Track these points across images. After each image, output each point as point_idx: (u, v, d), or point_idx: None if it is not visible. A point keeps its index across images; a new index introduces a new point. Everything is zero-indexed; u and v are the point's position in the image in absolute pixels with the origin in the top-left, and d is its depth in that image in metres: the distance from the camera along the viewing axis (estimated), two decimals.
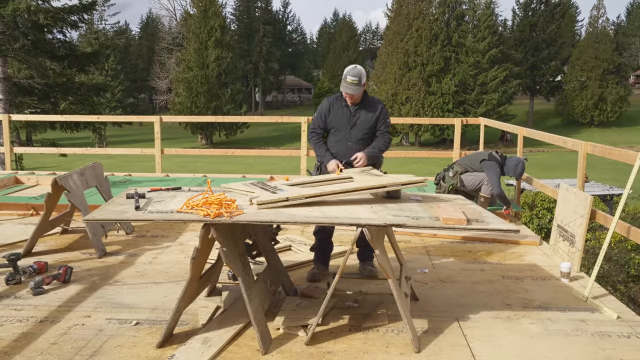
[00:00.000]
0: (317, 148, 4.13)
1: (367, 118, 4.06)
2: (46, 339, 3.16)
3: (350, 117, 4.05)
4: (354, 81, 3.91)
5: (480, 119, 8.83)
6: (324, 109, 4.14)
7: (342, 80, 3.97)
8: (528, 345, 3.16)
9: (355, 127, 4.06)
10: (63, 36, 19.27)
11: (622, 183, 8.31)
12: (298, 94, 71.59)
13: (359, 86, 3.93)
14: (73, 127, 20.10)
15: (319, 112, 4.15)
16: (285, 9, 70.21)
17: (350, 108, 4.06)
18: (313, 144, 4.17)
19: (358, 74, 3.91)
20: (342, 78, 3.98)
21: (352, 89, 3.93)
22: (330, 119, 4.09)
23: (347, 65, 4.12)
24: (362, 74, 3.93)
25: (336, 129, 4.10)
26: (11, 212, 6.29)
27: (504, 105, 45.93)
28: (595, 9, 55.92)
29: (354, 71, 3.93)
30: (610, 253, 8.13)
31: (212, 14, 45.90)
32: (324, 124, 4.12)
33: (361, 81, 3.92)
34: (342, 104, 4.07)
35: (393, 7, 47.31)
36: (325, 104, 4.16)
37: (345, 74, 3.95)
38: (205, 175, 8.92)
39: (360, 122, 4.06)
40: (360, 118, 4.06)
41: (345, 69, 4.00)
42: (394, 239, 3.76)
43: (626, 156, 4.24)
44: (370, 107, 4.09)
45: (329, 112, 4.10)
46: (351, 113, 4.06)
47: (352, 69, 3.97)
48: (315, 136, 4.16)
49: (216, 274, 3.71)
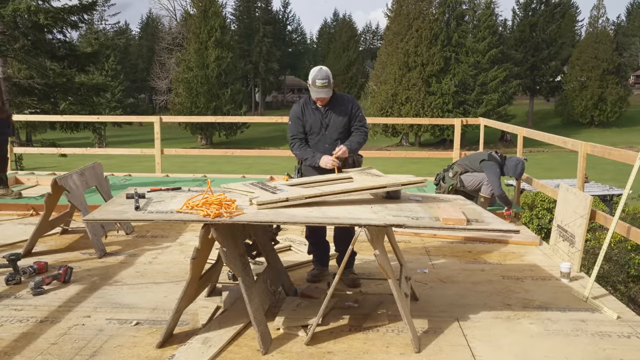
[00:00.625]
0: (304, 152, 3.99)
1: (339, 117, 3.97)
2: (46, 339, 3.16)
3: (323, 118, 3.96)
4: (324, 84, 3.80)
5: (480, 119, 8.84)
6: (297, 113, 4.01)
7: (311, 85, 3.84)
8: (528, 345, 3.16)
9: (329, 129, 3.97)
10: (63, 36, 19.30)
11: (622, 183, 8.32)
12: (298, 94, 71.50)
13: (329, 88, 3.84)
14: (73, 127, 20.12)
15: (295, 117, 4.02)
16: (285, 9, 70.24)
17: (321, 110, 3.97)
18: (298, 149, 4.02)
19: (326, 76, 3.81)
20: (310, 83, 3.85)
21: (323, 92, 3.83)
22: (304, 123, 3.99)
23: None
24: (329, 75, 3.84)
25: (310, 133, 4.00)
26: (11, 212, 6.29)
27: (504, 105, 45.92)
28: (595, 9, 55.97)
29: (322, 73, 3.82)
30: (610, 253, 8.13)
31: (212, 14, 45.90)
32: (303, 128, 4.00)
33: (330, 82, 3.83)
34: (312, 107, 3.97)
35: (393, 7, 47.30)
36: (296, 109, 4.03)
37: (314, 79, 3.81)
38: (205, 175, 8.92)
39: (332, 123, 3.97)
40: (332, 118, 3.97)
41: (311, 73, 3.86)
42: (394, 239, 3.77)
43: (626, 156, 4.24)
44: (341, 106, 3.99)
45: (302, 116, 3.99)
46: (323, 115, 3.96)
47: (319, 71, 3.85)
48: (299, 141, 4.02)
49: (216, 274, 3.71)
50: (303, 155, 4.00)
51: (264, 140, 48.07)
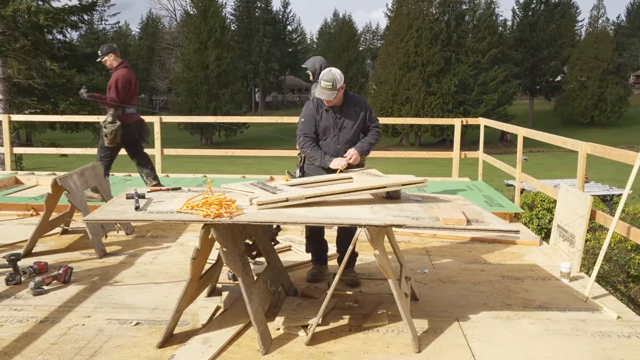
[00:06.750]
0: (314, 152, 3.98)
1: (353, 120, 3.98)
2: (46, 339, 3.17)
3: (337, 119, 3.96)
4: (327, 86, 3.79)
5: (480, 119, 8.84)
6: (312, 112, 4.00)
7: (318, 85, 3.85)
8: (528, 345, 3.16)
9: (343, 130, 3.97)
10: (63, 37, 19.32)
11: (622, 183, 8.32)
12: (298, 94, 71.55)
13: (334, 90, 3.81)
14: (73, 127, 20.12)
15: (309, 116, 4.00)
16: (285, 9, 70.20)
17: (335, 111, 3.97)
18: (309, 148, 4.00)
19: (332, 78, 3.79)
20: (318, 81, 3.86)
21: (325, 94, 3.81)
22: (317, 123, 3.99)
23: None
24: (336, 78, 3.79)
25: (323, 133, 4.00)
26: (11, 213, 6.30)
27: (504, 105, 45.92)
28: (595, 9, 56.20)
29: (328, 76, 3.80)
30: (610, 253, 8.12)
31: (212, 14, 45.88)
32: (315, 128, 3.99)
33: (335, 85, 3.79)
34: (325, 108, 3.97)
35: (393, 7, 47.34)
36: (311, 107, 4.01)
37: (320, 78, 3.83)
38: (205, 175, 8.92)
39: (347, 124, 3.97)
40: (347, 120, 3.97)
41: (322, 72, 3.87)
42: (394, 239, 3.77)
43: (626, 156, 4.24)
44: (355, 108, 4.00)
45: (318, 116, 3.98)
46: (336, 116, 3.96)
47: (327, 73, 3.81)
48: (310, 140, 4.00)
49: (216, 274, 3.71)
50: (313, 156, 3.99)
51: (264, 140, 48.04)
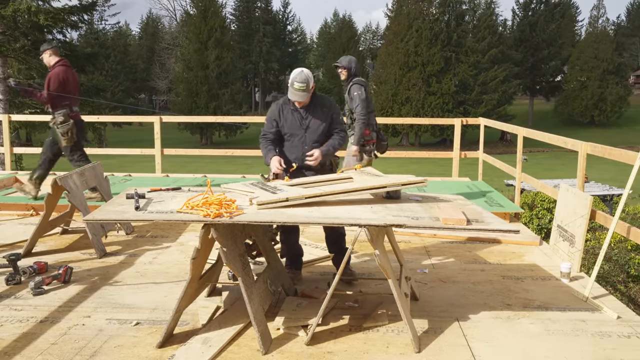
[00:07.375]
0: (264, 149, 3.98)
1: (319, 120, 3.94)
2: (46, 339, 3.17)
3: (302, 120, 3.92)
4: (302, 87, 3.75)
5: (480, 119, 8.83)
6: (273, 114, 3.97)
7: (290, 86, 3.81)
8: (528, 345, 3.16)
9: (309, 130, 3.93)
10: (63, 37, 19.27)
11: (622, 183, 8.32)
12: None
13: (307, 92, 3.78)
14: None
15: (269, 117, 4.00)
16: (285, 9, 70.14)
17: (301, 111, 3.92)
18: (261, 145, 4.01)
19: (305, 79, 3.75)
20: (289, 84, 3.82)
21: (299, 95, 3.78)
22: (281, 124, 3.95)
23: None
24: (309, 79, 3.77)
25: (290, 134, 3.96)
26: (11, 212, 6.30)
27: (504, 105, 45.88)
28: (595, 9, 56.13)
29: (301, 77, 3.76)
30: (610, 253, 8.12)
31: (212, 14, 45.85)
32: (274, 129, 3.97)
33: (309, 86, 3.77)
34: (291, 108, 3.93)
35: (393, 7, 47.29)
36: (274, 109, 3.99)
37: (292, 80, 3.76)
38: (205, 175, 8.92)
39: (313, 125, 3.93)
40: (313, 121, 3.93)
41: (292, 74, 3.81)
42: (394, 239, 3.77)
43: (626, 156, 4.24)
44: (322, 108, 3.95)
45: (279, 117, 3.95)
46: (302, 117, 3.93)
47: (299, 74, 3.78)
48: (264, 140, 4.00)
49: (216, 274, 3.71)
50: (263, 152, 4.01)
51: None
